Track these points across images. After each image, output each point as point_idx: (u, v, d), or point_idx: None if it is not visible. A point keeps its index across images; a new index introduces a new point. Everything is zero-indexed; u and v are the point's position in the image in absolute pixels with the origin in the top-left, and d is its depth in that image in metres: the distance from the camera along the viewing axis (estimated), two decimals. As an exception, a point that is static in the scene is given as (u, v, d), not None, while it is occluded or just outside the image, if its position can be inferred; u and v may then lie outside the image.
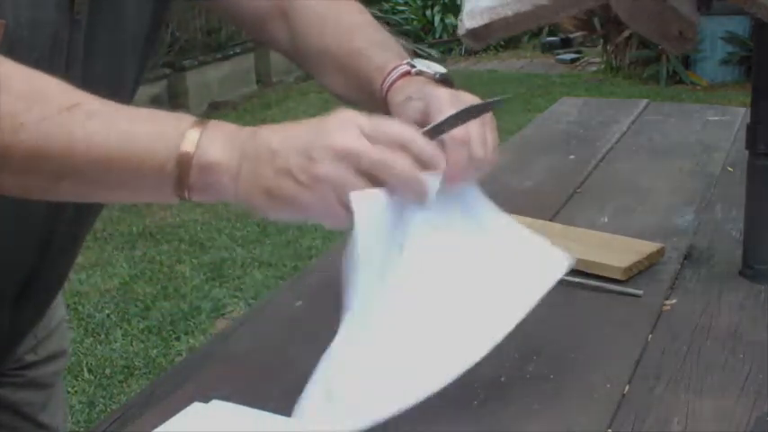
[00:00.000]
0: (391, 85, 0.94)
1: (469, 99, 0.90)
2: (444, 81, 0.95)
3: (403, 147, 0.74)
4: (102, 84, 0.93)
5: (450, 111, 0.85)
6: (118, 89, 0.97)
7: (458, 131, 0.85)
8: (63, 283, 1.12)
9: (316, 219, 0.75)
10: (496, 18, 1.10)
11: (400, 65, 0.95)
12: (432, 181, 0.77)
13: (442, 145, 0.83)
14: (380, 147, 0.73)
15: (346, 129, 0.73)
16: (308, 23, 1.05)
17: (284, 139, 0.75)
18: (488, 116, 0.90)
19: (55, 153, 0.73)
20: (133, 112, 0.77)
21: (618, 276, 1.15)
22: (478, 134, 0.87)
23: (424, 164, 0.75)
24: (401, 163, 0.73)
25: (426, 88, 0.91)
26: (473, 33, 1.14)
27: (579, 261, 1.18)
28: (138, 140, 0.74)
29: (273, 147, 0.74)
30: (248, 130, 0.77)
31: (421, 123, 0.87)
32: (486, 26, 1.11)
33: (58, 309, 1.20)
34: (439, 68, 0.97)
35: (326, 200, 0.73)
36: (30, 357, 1.14)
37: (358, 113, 0.76)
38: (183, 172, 0.74)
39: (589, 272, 1.16)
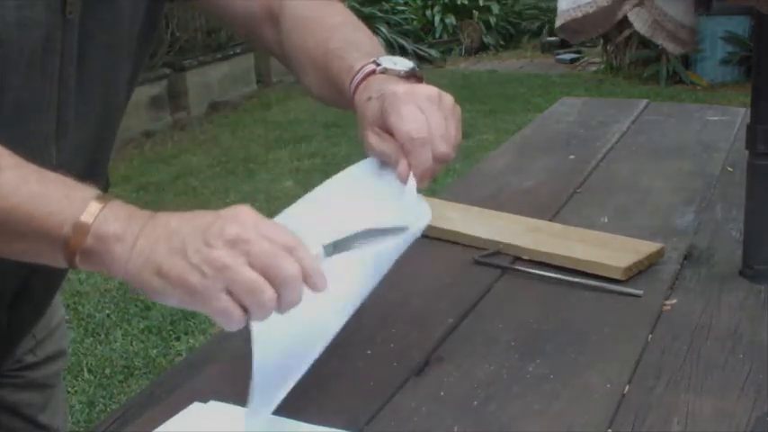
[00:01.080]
0: (357, 85, 0.94)
1: (425, 91, 0.89)
2: (412, 76, 0.94)
3: (290, 251, 0.73)
4: (97, 84, 0.94)
5: (403, 108, 0.86)
6: (112, 89, 0.98)
7: (417, 129, 0.85)
8: (61, 283, 1.11)
9: (206, 311, 0.73)
10: (591, 11, 1.12)
11: (366, 64, 0.95)
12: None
13: (402, 146, 0.85)
14: (272, 244, 0.73)
15: (243, 221, 0.73)
16: (293, 25, 1.05)
17: (183, 221, 0.75)
18: (451, 107, 0.89)
19: None
20: (45, 174, 0.77)
21: (618, 276, 1.15)
22: (439, 129, 0.86)
23: (306, 276, 0.74)
24: (289, 264, 0.73)
25: (386, 86, 0.90)
26: (568, 28, 1.15)
27: (579, 261, 1.18)
28: (43, 201, 0.75)
29: (171, 226, 0.75)
30: (148, 211, 0.78)
31: (379, 123, 0.89)
32: (581, 20, 1.13)
33: (57, 309, 1.20)
34: (406, 65, 0.96)
35: (215, 286, 0.71)
36: (29, 358, 1.14)
37: (255, 211, 0.76)
38: (77, 239, 0.74)
39: (589, 272, 1.17)
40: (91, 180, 0.99)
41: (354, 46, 0.99)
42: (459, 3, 9.62)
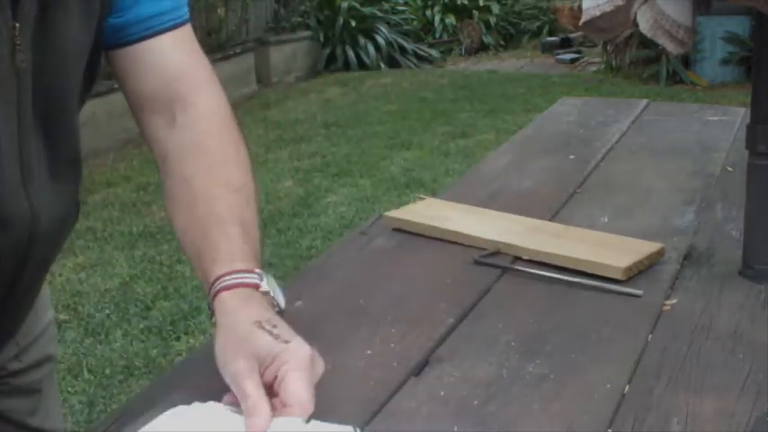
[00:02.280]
0: (234, 285, 0.89)
1: (306, 356, 0.85)
2: (280, 314, 0.90)
3: None
4: (56, 128, 0.93)
5: (298, 384, 0.81)
6: (71, 131, 0.96)
7: (307, 399, 0.80)
8: (37, 295, 1.08)
9: None
10: (609, 10, 1.12)
11: (250, 272, 0.90)
12: None
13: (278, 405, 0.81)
14: None
15: None
16: (190, 144, 0.99)
17: None
18: (318, 373, 0.85)
19: None
20: None
21: (618, 276, 1.15)
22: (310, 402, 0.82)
23: None
24: None
25: (281, 331, 0.85)
26: (592, 26, 1.16)
27: (579, 261, 1.18)
28: None
29: None
30: None
31: (266, 365, 0.83)
32: (601, 18, 1.13)
33: (44, 313, 1.17)
34: (280, 298, 0.93)
35: None
36: (13, 366, 1.11)
37: None
38: None
39: (589, 272, 1.17)
40: (73, 209, 1.00)
41: (246, 233, 0.93)
42: (459, 3, 9.63)
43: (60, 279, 3.56)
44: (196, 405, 0.87)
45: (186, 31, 1.04)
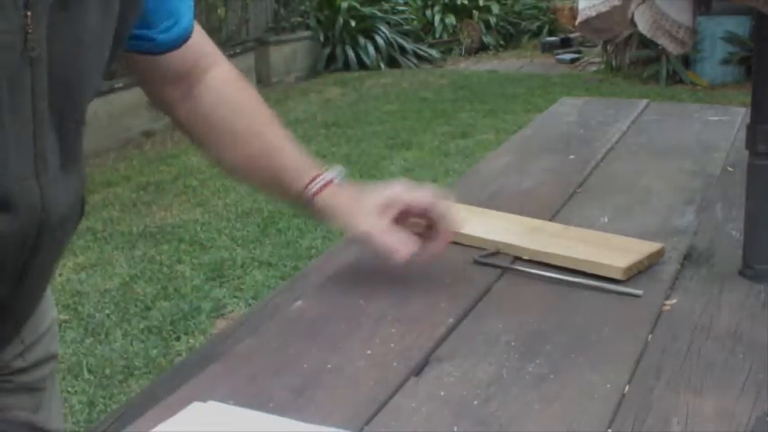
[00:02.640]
0: (320, 189, 1.16)
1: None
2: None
3: None
4: (70, 117, 0.95)
5: (410, 194, 1.16)
6: (81, 121, 0.99)
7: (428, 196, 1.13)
8: (43, 292, 1.09)
9: None
10: (604, 10, 1.13)
11: (322, 173, 1.17)
12: None
13: (429, 210, 1.15)
14: None
15: None
16: (218, 99, 1.18)
17: None
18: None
19: None
20: None
21: (618, 276, 1.15)
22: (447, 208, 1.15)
23: None
24: None
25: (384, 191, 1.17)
26: (588, 26, 1.16)
27: (579, 261, 1.18)
28: None
29: None
30: None
31: (381, 212, 1.13)
32: (597, 18, 1.14)
33: (48, 312, 1.18)
34: (343, 173, 1.20)
35: None
36: (17, 364, 1.12)
37: None
38: None
39: (589, 272, 1.17)
40: (78, 206, 1.02)
41: (298, 149, 1.19)
42: (459, 3, 9.63)
43: (60, 279, 3.56)
44: (195, 405, 0.87)
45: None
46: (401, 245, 1.11)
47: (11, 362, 1.11)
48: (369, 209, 1.14)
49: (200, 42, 1.17)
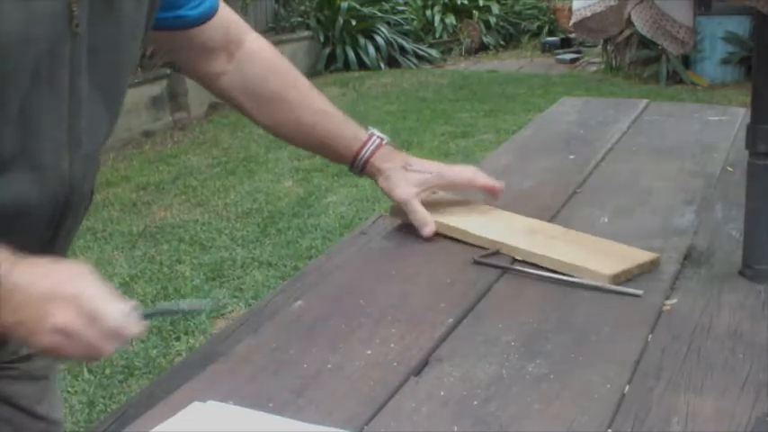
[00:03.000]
0: (373, 152, 1.31)
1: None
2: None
3: (113, 337, 0.89)
4: (106, 95, 0.99)
5: (455, 169, 1.36)
6: (118, 100, 1.04)
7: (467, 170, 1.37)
8: None
9: None
10: (599, 10, 1.13)
11: (372, 137, 1.32)
12: None
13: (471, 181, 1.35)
14: (96, 333, 0.88)
15: (76, 305, 0.87)
16: (262, 67, 1.28)
17: (23, 298, 0.86)
18: None
19: None
20: None
21: (604, 283, 1.14)
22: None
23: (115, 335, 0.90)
24: (109, 348, 0.90)
25: (420, 163, 1.33)
26: (583, 26, 1.16)
27: (567, 264, 1.18)
28: None
29: (14, 301, 0.86)
30: (5, 270, 0.86)
31: (430, 185, 1.32)
32: (592, 18, 1.14)
33: None
34: (385, 137, 1.34)
35: (54, 353, 0.89)
36: (24, 350, 1.16)
37: (91, 281, 0.89)
38: None
39: (578, 276, 1.16)
40: (89, 194, 1.06)
41: (343, 115, 1.32)
42: (459, 3, 9.62)
43: (60, 279, 3.56)
44: (195, 405, 0.87)
45: None
46: (431, 221, 1.29)
47: (18, 349, 1.15)
48: (411, 179, 1.29)
49: (227, 10, 1.24)
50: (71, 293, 0.88)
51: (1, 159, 0.89)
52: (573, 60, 8.57)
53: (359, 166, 1.31)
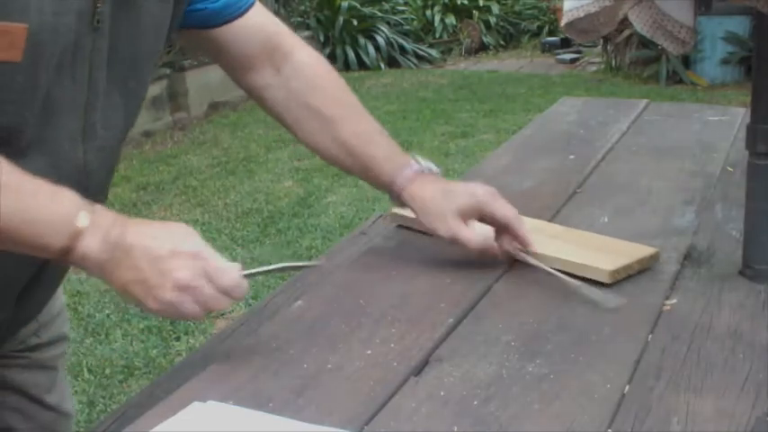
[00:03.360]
0: (410, 179, 1.20)
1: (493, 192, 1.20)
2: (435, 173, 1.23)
3: (227, 293, 0.92)
4: (123, 91, 1.01)
5: (498, 202, 1.19)
6: (135, 97, 1.05)
7: (511, 210, 1.18)
8: (64, 277, 1.17)
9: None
10: (593, 11, 1.13)
11: (409, 162, 1.21)
12: None
13: (506, 225, 1.18)
14: (213, 289, 0.91)
15: (192, 266, 0.90)
16: (307, 84, 1.22)
17: (143, 253, 0.89)
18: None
19: None
20: (38, 188, 0.88)
21: (604, 279, 1.14)
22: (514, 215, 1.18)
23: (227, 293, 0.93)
24: (223, 305, 0.93)
25: (471, 187, 1.21)
26: (574, 27, 1.17)
27: (566, 263, 1.18)
28: (37, 220, 0.87)
29: (134, 257, 0.89)
30: (120, 227, 0.90)
31: (469, 216, 1.17)
32: (584, 19, 1.14)
33: (59, 298, 1.25)
34: (433, 166, 1.23)
35: (170, 310, 0.90)
36: (33, 340, 1.19)
37: (203, 245, 0.94)
38: (66, 254, 0.88)
39: (578, 274, 1.16)
40: (107, 184, 1.09)
41: (386, 137, 1.24)
42: (459, 3, 9.62)
43: (60, 279, 3.56)
44: (195, 405, 0.87)
45: None
46: (480, 238, 1.18)
47: (27, 338, 1.18)
48: (453, 210, 1.17)
49: (268, 22, 1.20)
50: (191, 251, 0.91)
51: (20, 145, 0.91)
52: (573, 60, 8.57)
53: (393, 195, 1.22)
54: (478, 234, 1.17)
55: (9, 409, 1.18)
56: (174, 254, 0.90)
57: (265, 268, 1.02)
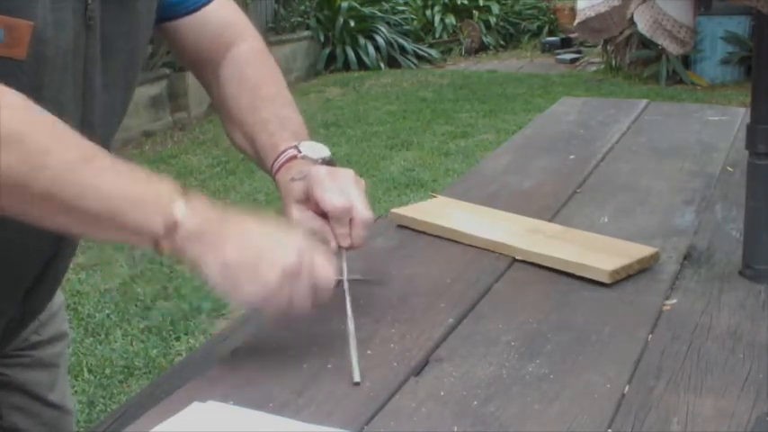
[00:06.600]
0: (281, 166, 1.11)
1: (343, 174, 1.06)
2: (327, 163, 1.10)
3: (317, 290, 0.93)
4: (118, 86, 1.02)
5: (327, 185, 1.03)
6: (129, 91, 1.06)
7: (341, 201, 1.02)
8: (65, 274, 1.17)
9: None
10: (603, 11, 1.13)
11: (289, 148, 1.11)
12: None
13: (329, 216, 1.04)
14: (310, 282, 0.92)
15: (296, 254, 0.91)
16: (231, 76, 1.18)
17: (259, 235, 0.92)
18: (364, 186, 1.07)
19: (67, 196, 0.83)
20: (134, 173, 0.88)
21: (604, 279, 1.14)
22: (360, 200, 1.03)
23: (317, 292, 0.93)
24: (311, 301, 0.93)
25: (307, 168, 1.07)
26: (586, 27, 1.17)
27: (567, 263, 1.18)
28: (135, 202, 0.86)
29: (247, 240, 0.90)
30: (218, 214, 0.90)
31: (303, 200, 1.05)
32: (596, 18, 1.14)
33: (60, 294, 1.26)
34: (323, 152, 1.11)
35: (269, 297, 0.90)
36: (34, 338, 1.20)
37: (303, 241, 0.93)
38: (168, 236, 0.87)
39: (577, 274, 1.16)
40: None
41: (282, 124, 1.14)
42: (459, 3, 9.63)
43: (60, 279, 3.56)
44: (195, 405, 0.87)
45: None
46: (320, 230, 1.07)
47: (29, 336, 1.19)
48: (294, 197, 1.08)
49: (225, 16, 1.19)
50: (297, 243, 0.92)
51: None
52: (573, 60, 8.58)
53: (277, 184, 1.13)
54: (310, 218, 1.05)
55: (12, 408, 1.18)
56: (286, 243, 0.92)
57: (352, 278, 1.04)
